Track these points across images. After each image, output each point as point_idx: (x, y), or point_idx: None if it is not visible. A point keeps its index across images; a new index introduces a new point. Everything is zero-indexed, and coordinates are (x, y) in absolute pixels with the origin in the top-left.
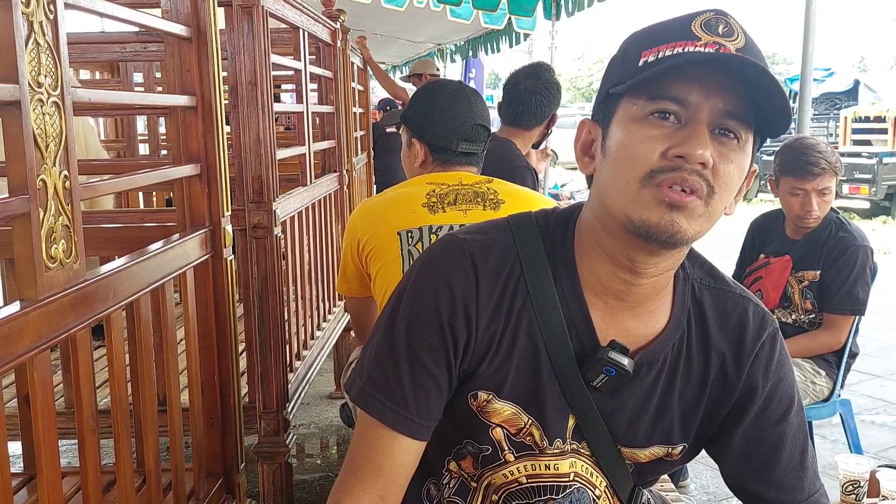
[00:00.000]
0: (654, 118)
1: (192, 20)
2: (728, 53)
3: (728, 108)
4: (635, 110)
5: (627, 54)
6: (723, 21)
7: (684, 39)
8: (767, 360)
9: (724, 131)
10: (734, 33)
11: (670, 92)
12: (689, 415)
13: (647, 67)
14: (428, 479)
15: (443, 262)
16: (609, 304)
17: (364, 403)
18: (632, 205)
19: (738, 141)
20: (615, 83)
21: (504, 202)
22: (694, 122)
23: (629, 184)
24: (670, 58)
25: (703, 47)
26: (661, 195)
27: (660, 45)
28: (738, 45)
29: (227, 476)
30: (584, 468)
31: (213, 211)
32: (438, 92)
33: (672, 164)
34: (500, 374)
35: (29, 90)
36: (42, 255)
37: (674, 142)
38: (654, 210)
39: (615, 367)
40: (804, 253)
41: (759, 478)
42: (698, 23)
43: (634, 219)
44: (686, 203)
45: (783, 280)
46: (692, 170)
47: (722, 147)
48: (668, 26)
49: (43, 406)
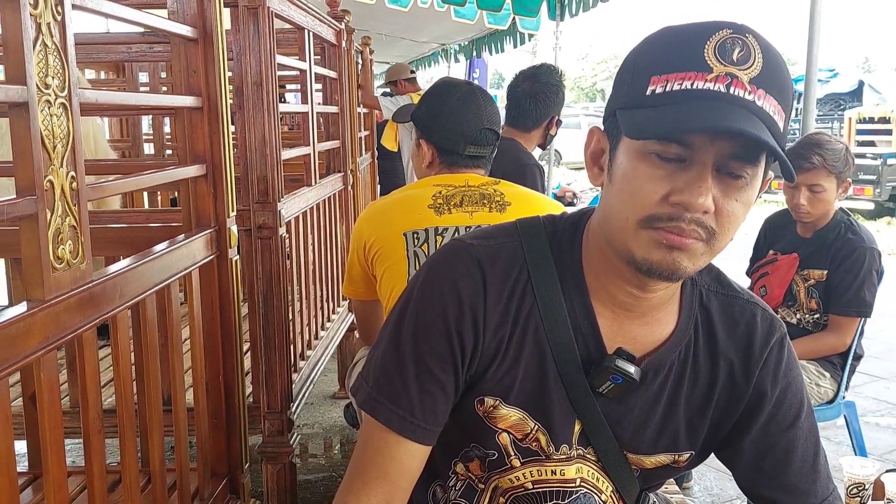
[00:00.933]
0: (658, 157)
1: (198, 21)
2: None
3: (734, 151)
4: (640, 144)
5: (637, 73)
6: (739, 42)
7: (694, 70)
8: (776, 365)
9: (729, 170)
10: (750, 57)
11: (675, 134)
12: (695, 422)
13: (654, 100)
14: (434, 482)
15: (450, 267)
16: (616, 313)
17: (370, 409)
18: (633, 243)
19: (745, 178)
20: (622, 104)
21: (510, 204)
22: (698, 165)
23: (628, 221)
24: (677, 95)
25: (714, 82)
26: (659, 237)
27: (669, 75)
28: (752, 73)
29: (232, 476)
30: (590, 473)
31: (219, 211)
32: (448, 94)
33: (672, 213)
34: (507, 379)
35: (37, 91)
36: (49, 255)
37: (675, 185)
38: (654, 251)
39: (622, 375)
40: (812, 252)
41: (772, 483)
42: (712, 46)
43: (637, 257)
44: (686, 245)
45: (788, 277)
46: (691, 219)
47: (727, 187)
48: (682, 45)
49: (49, 406)
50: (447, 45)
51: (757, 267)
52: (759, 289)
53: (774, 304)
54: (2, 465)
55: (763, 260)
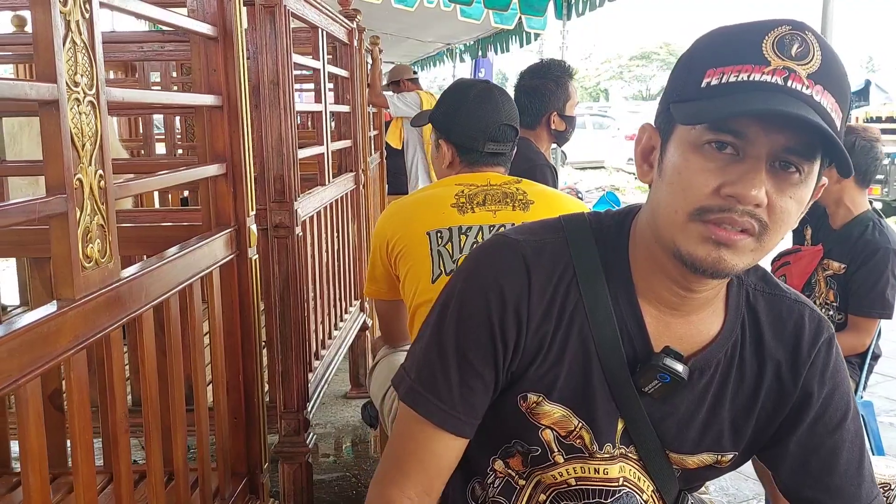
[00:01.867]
0: (710, 147)
1: (218, 19)
2: (792, 91)
3: (789, 144)
4: (694, 135)
5: (692, 68)
6: (799, 38)
7: (752, 63)
8: (823, 366)
9: (784, 164)
10: (809, 53)
11: (730, 124)
12: (740, 422)
13: (709, 93)
14: (473, 479)
15: (495, 263)
16: (662, 311)
17: (412, 401)
18: (680, 236)
19: (800, 174)
20: (677, 97)
21: (533, 202)
22: (752, 158)
23: (678, 214)
24: (733, 86)
25: (771, 75)
26: (708, 232)
27: (725, 67)
28: (811, 68)
29: (252, 476)
30: (632, 472)
31: (239, 210)
32: (465, 92)
33: (724, 204)
34: (550, 376)
35: (66, 89)
36: (79, 254)
37: (728, 178)
38: (700, 245)
39: (669, 374)
40: (836, 244)
41: (816, 485)
42: (771, 41)
43: (682, 251)
44: (735, 241)
45: (810, 269)
46: (744, 211)
47: (781, 182)
48: (739, 40)
49: (79, 406)
50: (452, 44)
51: (779, 255)
52: (778, 277)
53: None
54: (34, 464)
55: (786, 249)
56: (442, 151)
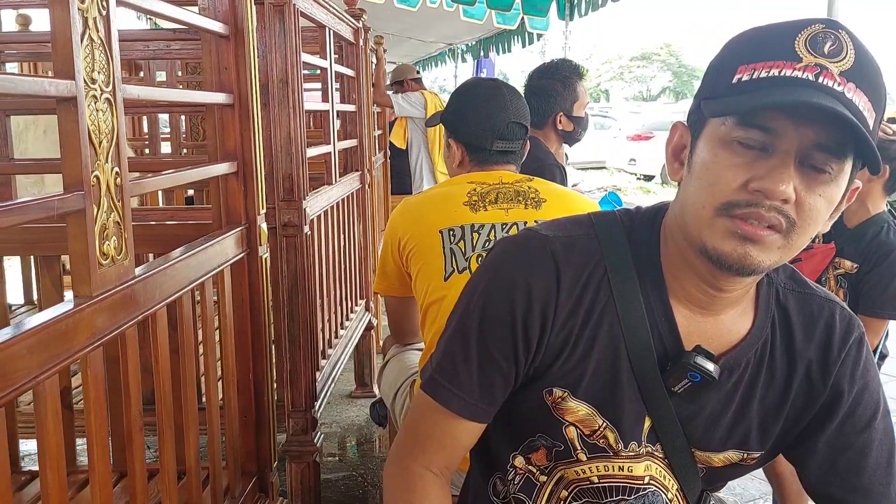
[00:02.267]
0: (739, 143)
1: (229, 18)
2: (824, 87)
3: (819, 140)
4: (723, 131)
5: (724, 64)
6: (831, 36)
7: (783, 59)
8: (854, 364)
9: (814, 162)
10: (842, 52)
11: (758, 119)
12: (769, 421)
13: (739, 88)
14: (494, 474)
15: (522, 258)
16: (692, 310)
17: (431, 390)
18: (706, 231)
19: (830, 173)
20: (708, 94)
21: (546, 201)
22: (780, 153)
23: (705, 209)
24: (764, 81)
25: (802, 71)
26: (734, 227)
27: (757, 63)
28: (843, 66)
29: (261, 474)
30: (657, 471)
31: (249, 209)
32: (473, 91)
33: (751, 199)
34: (576, 373)
35: (84, 86)
36: (96, 251)
37: (756, 173)
38: (726, 240)
39: (700, 373)
40: (849, 244)
41: (844, 485)
42: (804, 39)
43: (708, 246)
44: (761, 237)
45: (821, 267)
46: (771, 206)
47: (809, 180)
48: (772, 37)
49: (96, 403)
50: (454, 44)
51: None
52: None
53: None
54: (52, 462)
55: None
56: (452, 151)
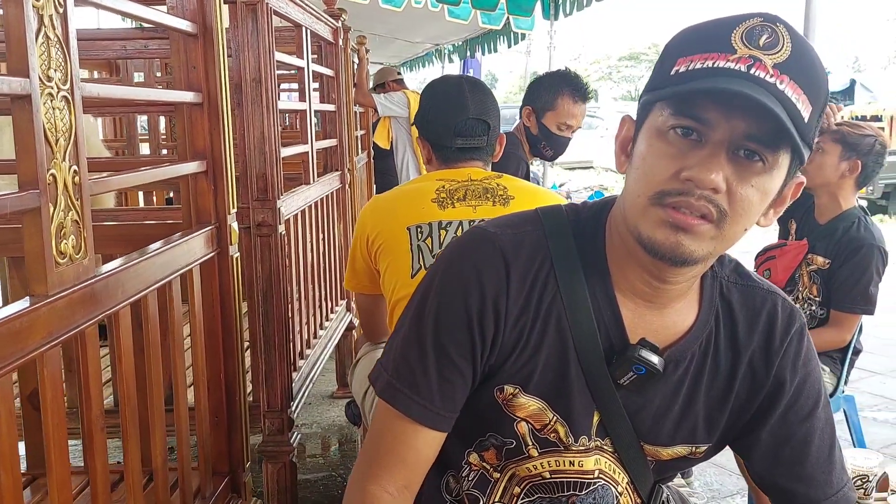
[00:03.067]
0: (674, 133)
1: (197, 16)
2: (755, 78)
3: (750, 131)
4: (661, 121)
5: (667, 56)
6: (768, 30)
7: (718, 51)
8: (795, 355)
9: (747, 152)
10: (778, 44)
11: (692, 109)
12: (714, 413)
13: (676, 79)
14: (447, 472)
15: (473, 257)
16: (637, 303)
17: (390, 397)
18: (641, 220)
19: (764, 163)
20: (650, 87)
21: (514, 198)
22: (712, 144)
23: (640, 198)
24: (698, 72)
25: (735, 62)
26: (666, 215)
27: (694, 55)
28: (778, 58)
29: (234, 475)
30: (607, 465)
31: (220, 208)
32: (435, 91)
33: (682, 188)
34: (527, 368)
35: (39, 84)
36: (52, 250)
37: (687, 163)
38: (658, 229)
39: (645, 366)
40: (821, 240)
41: (787, 474)
42: (741, 32)
43: (643, 235)
44: (692, 226)
45: (794, 264)
46: (701, 195)
47: (742, 170)
48: (711, 31)
49: (53, 403)
50: (441, 45)
51: (764, 250)
52: (762, 272)
53: None
54: (6, 464)
55: (771, 244)
56: (421, 148)
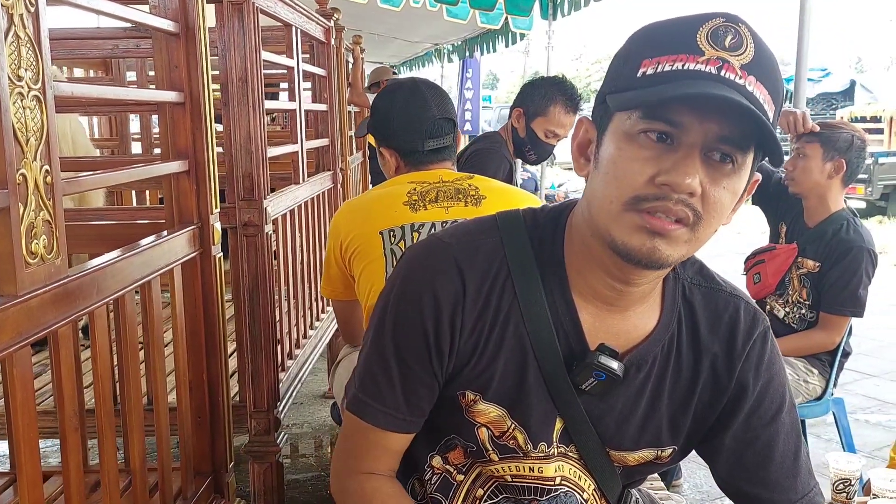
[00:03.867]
0: (645, 137)
1: (180, 16)
2: (726, 80)
3: (723, 133)
4: (628, 125)
5: (629, 58)
6: (732, 30)
7: (686, 53)
8: (758, 358)
9: (718, 154)
10: (742, 45)
11: (664, 112)
12: (678, 417)
13: (644, 82)
14: (412, 476)
15: (427, 269)
16: (598, 307)
17: (357, 410)
18: (614, 225)
19: (734, 164)
20: (612, 88)
21: (485, 198)
22: (686, 147)
23: (613, 203)
24: (668, 75)
25: (705, 64)
26: (642, 221)
27: (661, 57)
28: (744, 59)
29: (216, 475)
30: (571, 472)
31: (202, 208)
32: (394, 96)
33: (658, 193)
34: (486, 375)
35: (8, 83)
36: (22, 250)
37: (662, 167)
38: (634, 235)
39: (605, 372)
40: (810, 243)
41: (752, 479)
42: (705, 32)
43: (617, 241)
44: (669, 231)
45: (784, 267)
46: (678, 199)
47: (715, 172)
48: (674, 32)
49: (23, 403)
50: (440, 44)
51: (754, 254)
52: (752, 276)
53: (767, 293)
54: None
55: (761, 248)
56: (386, 159)
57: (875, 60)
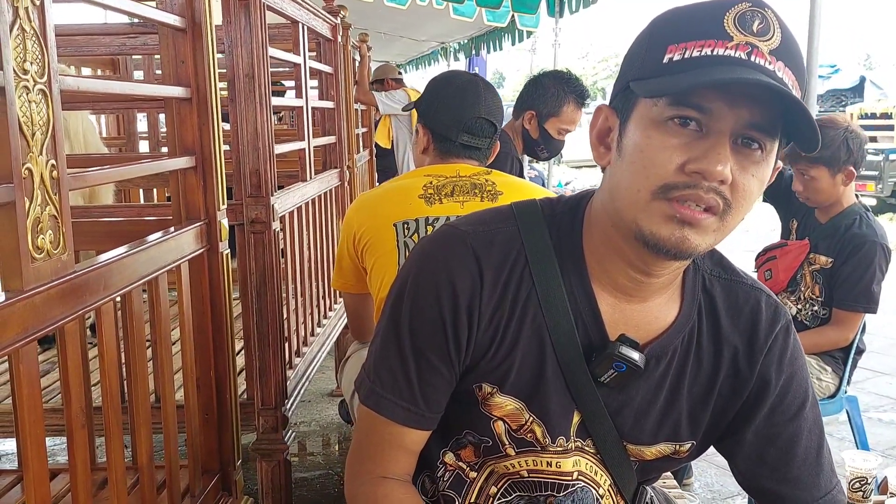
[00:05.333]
0: (673, 124)
1: (186, 11)
2: (756, 65)
3: (754, 119)
4: (655, 112)
5: (652, 43)
6: (759, 15)
7: (714, 38)
8: (781, 352)
9: (747, 141)
10: (770, 30)
11: (693, 98)
12: (697, 411)
13: (671, 68)
14: (423, 473)
15: (444, 258)
16: (617, 298)
17: (374, 404)
18: (642, 215)
19: (762, 151)
20: (637, 75)
21: (502, 193)
22: (716, 134)
23: (641, 192)
24: (697, 61)
25: (734, 50)
26: (672, 210)
27: (687, 42)
28: (772, 45)
29: (224, 473)
30: (588, 466)
31: (209, 204)
32: (449, 82)
33: (689, 181)
34: (504, 367)
35: (14, 77)
36: (28, 245)
37: (693, 154)
38: (664, 225)
39: (625, 363)
40: (822, 239)
41: (773, 475)
42: (732, 17)
43: (644, 231)
44: (699, 220)
45: (796, 264)
46: (709, 187)
47: (744, 159)
48: (700, 16)
49: (29, 399)
50: (447, 43)
51: (765, 250)
52: (763, 272)
53: (778, 289)
54: None
55: (772, 244)
56: (419, 136)
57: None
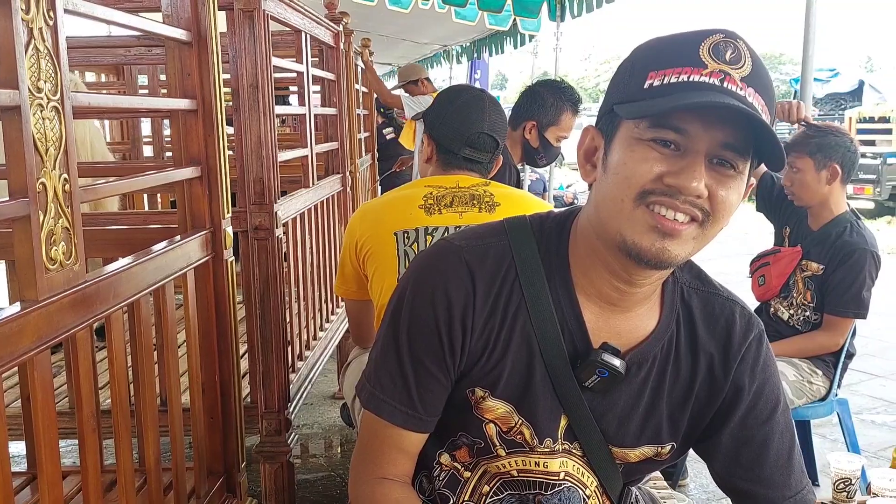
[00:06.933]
0: (654, 143)
1: (192, 24)
2: (728, 91)
3: (727, 140)
4: (637, 132)
5: (635, 70)
6: (731, 45)
7: (690, 66)
8: (754, 360)
9: (721, 161)
10: (741, 59)
11: (672, 121)
12: (676, 414)
13: (652, 93)
14: (420, 473)
15: (439, 270)
16: (601, 307)
17: (375, 407)
18: (625, 224)
19: (735, 170)
20: (620, 99)
21: (500, 205)
22: (692, 153)
23: (624, 202)
24: (674, 86)
25: (709, 76)
26: (653, 220)
27: (666, 69)
28: (743, 72)
29: (228, 475)
30: (574, 468)
31: (214, 213)
32: (458, 95)
33: (666, 189)
34: (495, 373)
35: (29, 95)
36: (42, 256)
37: (671, 168)
38: (645, 235)
39: (608, 369)
40: (814, 245)
41: (747, 476)
42: (707, 46)
43: (627, 241)
44: (679, 231)
45: (789, 270)
46: (685, 199)
47: (719, 176)
48: (678, 46)
49: (43, 405)
50: (449, 46)
51: (758, 257)
52: (757, 278)
53: (772, 295)
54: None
55: (765, 251)
56: (425, 146)
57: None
